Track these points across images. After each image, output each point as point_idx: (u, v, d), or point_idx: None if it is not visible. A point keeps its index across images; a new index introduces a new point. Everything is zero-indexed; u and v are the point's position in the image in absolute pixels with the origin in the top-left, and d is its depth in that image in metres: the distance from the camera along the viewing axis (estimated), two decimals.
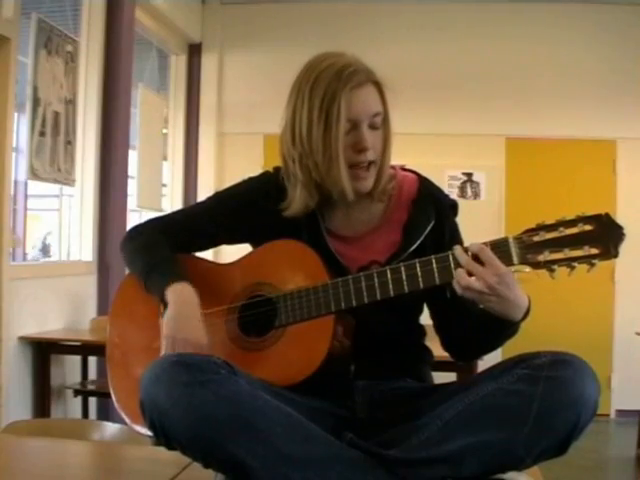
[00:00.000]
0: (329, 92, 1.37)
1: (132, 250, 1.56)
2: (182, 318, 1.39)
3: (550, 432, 1.17)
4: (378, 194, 1.47)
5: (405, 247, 1.43)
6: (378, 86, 1.42)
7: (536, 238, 1.25)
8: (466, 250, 1.27)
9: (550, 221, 1.25)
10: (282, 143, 1.46)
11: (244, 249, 1.55)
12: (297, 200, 1.45)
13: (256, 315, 1.43)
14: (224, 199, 1.58)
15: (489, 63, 5.60)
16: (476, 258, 1.25)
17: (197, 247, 1.58)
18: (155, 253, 1.51)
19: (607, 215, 1.23)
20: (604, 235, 1.22)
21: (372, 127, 1.40)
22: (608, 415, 5.49)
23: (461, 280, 1.25)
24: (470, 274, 1.25)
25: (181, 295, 1.41)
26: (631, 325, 4.88)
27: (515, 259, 1.25)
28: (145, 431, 1.26)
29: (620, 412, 5.48)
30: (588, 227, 1.23)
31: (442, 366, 1.71)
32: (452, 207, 1.51)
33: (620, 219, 1.23)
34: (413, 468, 1.18)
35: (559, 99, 5.54)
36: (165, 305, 1.42)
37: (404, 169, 1.55)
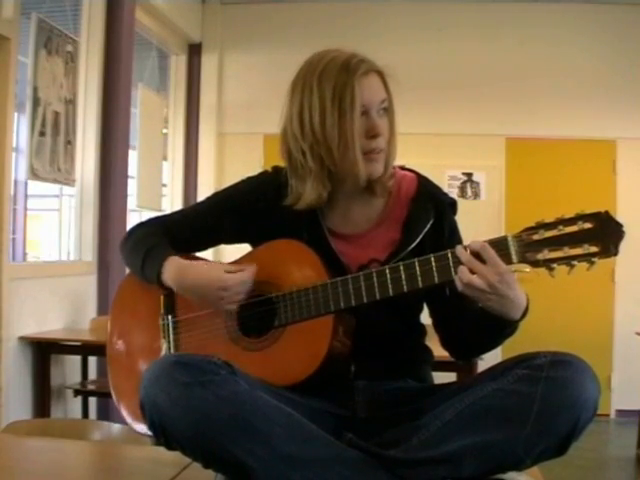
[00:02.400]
0: (340, 81, 1.38)
1: (129, 247, 1.57)
2: (195, 294, 1.43)
3: (550, 432, 1.17)
4: (380, 188, 1.47)
5: (404, 245, 1.42)
6: (381, 75, 1.44)
7: (535, 236, 1.24)
8: (467, 248, 1.27)
9: (549, 219, 1.25)
10: (287, 138, 1.45)
11: (244, 249, 1.55)
12: (308, 192, 1.44)
13: (256, 315, 1.43)
14: (223, 199, 1.58)
15: (489, 63, 5.60)
16: (477, 256, 1.25)
17: (196, 247, 1.58)
18: (146, 243, 1.51)
19: (607, 213, 1.22)
20: (604, 233, 1.21)
21: (380, 114, 1.42)
22: (608, 415, 5.49)
23: (463, 277, 1.24)
24: (472, 272, 1.24)
25: (174, 275, 1.43)
26: (631, 325, 4.88)
27: (514, 258, 1.25)
28: (145, 430, 1.26)
29: (620, 412, 5.48)
30: (588, 225, 1.22)
31: (442, 366, 1.71)
32: (451, 205, 1.51)
33: (620, 219, 1.22)
34: (413, 468, 1.18)
35: (559, 99, 5.54)
36: (164, 288, 1.45)
37: (402, 168, 1.55)
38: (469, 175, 5.67)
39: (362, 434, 1.27)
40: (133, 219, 4.81)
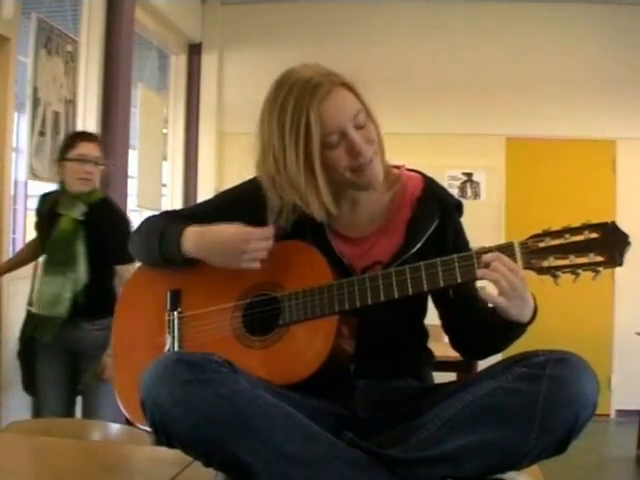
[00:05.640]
0: (296, 115, 1.35)
1: (139, 238, 1.56)
2: (217, 251, 1.41)
3: (550, 431, 1.17)
4: (384, 182, 1.46)
5: (408, 247, 1.43)
6: (348, 86, 1.40)
7: (541, 244, 1.26)
8: (480, 256, 1.28)
9: (556, 227, 1.27)
10: (261, 176, 1.45)
11: None
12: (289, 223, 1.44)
13: (261, 313, 1.43)
14: (230, 198, 1.58)
15: (489, 63, 5.60)
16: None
17: None
18: (160, 226, 1.51)
19: (613, 223, 1.24)
20: (609, 243, 1.23)
21: (358, 127, 1.39)
22: (608, 415, 5.49)
23: (488, 294, 1.27)
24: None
25: (195, 239, 1.43)
26: (631, 325, 4.88)
27: (520, 264, 1.26)
28: (146, 427, 1.26)
29: (620, 412, 5.48)
30: (594, 235, 1.24)
31: (442, 366, 1.71)
32: (457, 207, 1.51)
33: (620, 219, 1.23)
34: (413, 468, 1.18)
35: (559, 99, 5.54)
36: (187, 260, 1.44)
37: (409, 169, 1.54)
38: (469, 175, 5.67)
39: (362, 433, 1.27)
40: (133, 219, 4.81)
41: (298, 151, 1.36)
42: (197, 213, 1.58)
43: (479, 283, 1.35)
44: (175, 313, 1.50)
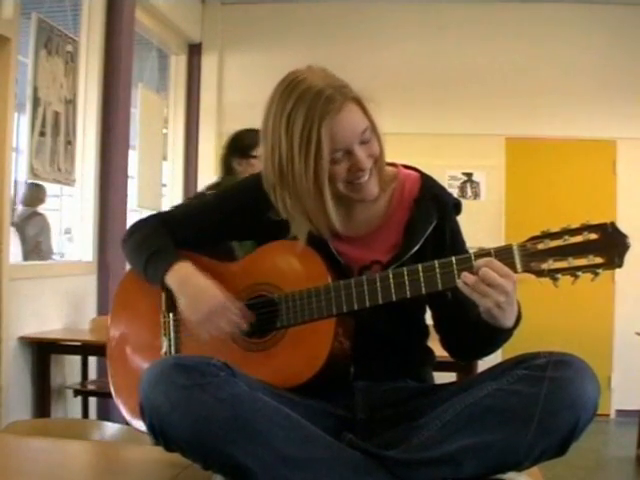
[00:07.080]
0: (307, 126, 1.32)
1: (131, 245, 1.56)
2: (192, 300, 1.42)
3: (551, 433, 1.17)
4: (381, 182, 1.46)
5: (407, 248, 1.42)
6: (359, 102, 1.38)
7: (540, 246, 1.25)
8: (470, 262, 1.27)
9: (555, 229, 1.25)
10: (266, 181, 1.43)
11: None
12: (302, 233, 1.41)
13: (258, 315, 1.43)
14: (226, 197, 1.57)
15: (489, 63, 5.60)
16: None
17: (197, 244, 1.56)
18: (152, 243, 1.51)
19: (612, 224, 1.23)
20: (609, 244, 1.22)
21: (364, 142, 1.38)
22: (608, 415, 5.49)
23: (472, 295, 1.25)
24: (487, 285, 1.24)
25: (180, 277, 1.43)
26: (631, 325, 4.87)
27: (519, 267, 1.25)
28: (144, 428, 1.26)
29: (620, 412, 5.48)
30: (593, 236, 1.22)
31: (442, 366, 1.71)
32: (455, 206, 1.50)
33: (620, 219, 1.23)
34: (413, 469, 1.18)
35: (559, 99, 5.54)
36: (167, 292, 1.45)
37: (406, 167, 1.54)
38: (469, 175, 5.67)
39: (362, 435, 1.27)
40: (133, 219, 4.81)
41: (308, 164, 1.34)
42: (191, 216, 1.58)
43: None
44: (171, 315, 1.49)
